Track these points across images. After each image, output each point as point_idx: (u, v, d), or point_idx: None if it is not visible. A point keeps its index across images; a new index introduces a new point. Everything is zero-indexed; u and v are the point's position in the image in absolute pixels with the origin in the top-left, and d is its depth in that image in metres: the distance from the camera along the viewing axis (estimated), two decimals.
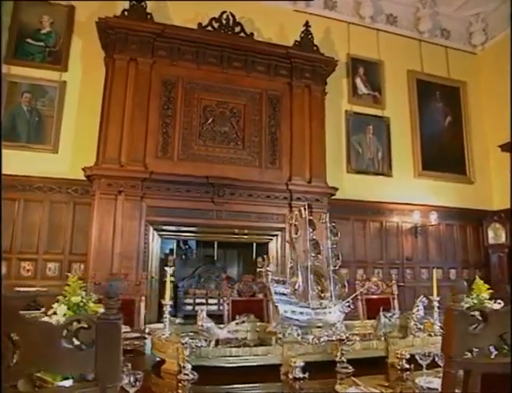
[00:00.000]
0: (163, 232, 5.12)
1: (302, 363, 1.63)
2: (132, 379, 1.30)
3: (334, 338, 1.79)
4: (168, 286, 2.00)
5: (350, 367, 1.76)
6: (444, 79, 6.91)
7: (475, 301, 2.70)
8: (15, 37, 5.23)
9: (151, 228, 5.00)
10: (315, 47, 5.87)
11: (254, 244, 5.53)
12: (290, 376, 1.63)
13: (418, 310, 2.22)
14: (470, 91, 7.05)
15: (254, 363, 1.72)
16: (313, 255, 2.16)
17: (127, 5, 5.22)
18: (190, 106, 5.35)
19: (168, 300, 1.89)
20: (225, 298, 3.08)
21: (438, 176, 6.53)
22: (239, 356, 1.70)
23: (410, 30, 6.86)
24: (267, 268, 2.03)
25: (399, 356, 1.85)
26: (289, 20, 6.25)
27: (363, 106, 6.45)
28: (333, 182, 5.70)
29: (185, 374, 1.58)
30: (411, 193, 6.35)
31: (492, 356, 1.65)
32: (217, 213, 5.23)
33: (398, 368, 1.85)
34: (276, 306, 1.97)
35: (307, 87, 5.80)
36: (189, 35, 5.38)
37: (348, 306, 2.17)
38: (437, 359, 1.73)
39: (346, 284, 2.20)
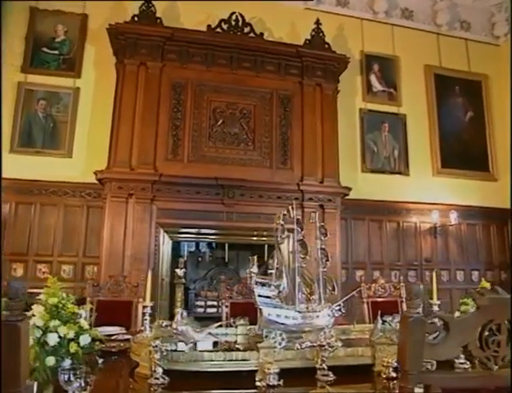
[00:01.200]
0: (174, 235, 5.15)
1: (276, 370, 1.58)
2: (82, 383, 1.29)
3: (314, 344, 1.72)
4: (149, 287, 1.99)
5: (331, 374, 1.68)
6: (464, 73, 6.64)
7: None
8: (31, 46, 5.39)
9: (162, 231, 5.03)
10: (326, 45, 5.77)
11: (266, 245, 5.46)
12: (264, 383, 1.57)
13: None
14: (493, 84, 6.74)
15: (229, 369, 1.68)
16: (302, 256, 2.10)
17: (137, 10, 5.29)
18: (199, 108, 5.36)
19: (148, 302, 1.87)
20: (223, 300, 3.05)
21: (459, 174, 6.27)
22: (212, 361, 1.67)
23: (427, 24, 6.64)
24: (251, 270, 1.99)
25: (385, 364, 1.76)
26: (300, 18, 6.17)
27: (378, 104, 6.29)
28: (347, 182, 5.58)
29: (155, 378, 1.56)
30: (430, 192, 6.14)
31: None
32: (227, 214, 5.22)
33: (384, 376, 1.76)
34: (260, 309, 1.92)
35: (319, 85, 5.70)
36: (198, 37, 5.39)
37: (339, 310, 2.09)
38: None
39: (336, 286, 2.12)
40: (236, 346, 2.11)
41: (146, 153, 5.04)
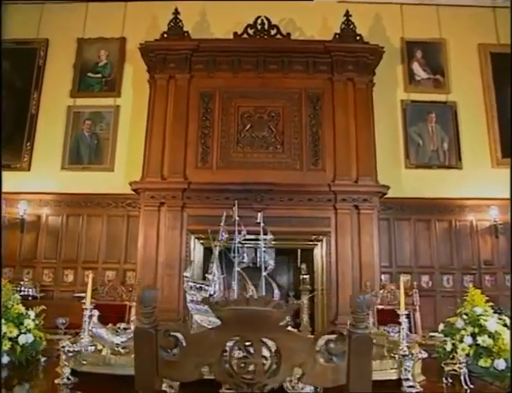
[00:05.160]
0: (205, 241, 5.23)
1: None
2: None
3: None
4: (89, 290, 2.04)
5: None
6: None
7: (465, 317, 2.21)
8: (78, 73, 5.96)
9: (193, 237, 5.16)
10: (358, 37, 5.47)
11: (299, 250, 5.29)
12: (168, 390, 1.51)
13: None
14: None
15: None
16: (244, 259, 2.00)
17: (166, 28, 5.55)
18: (227, 115, 5.42)
19: (88, 305, 1.92)
20: None
21: None
22: (115, 365, 1.65)
23: None
24: (184, 274, 1.94)
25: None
26: (332, 13, 5.90)
27: (423, 93, 5.77)
28: (388, 180, 5.19)
29: (62, 378, 1.60)
30: (489, 186, 5.42)
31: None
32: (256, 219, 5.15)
33: None
34: (192, 315, 1.87)
35: (350, 80, 5.41)
36: (223, 46, 5.48)
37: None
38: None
39: (278, 292, 1.97)
40: None
41: (177, 162, 5.22)
